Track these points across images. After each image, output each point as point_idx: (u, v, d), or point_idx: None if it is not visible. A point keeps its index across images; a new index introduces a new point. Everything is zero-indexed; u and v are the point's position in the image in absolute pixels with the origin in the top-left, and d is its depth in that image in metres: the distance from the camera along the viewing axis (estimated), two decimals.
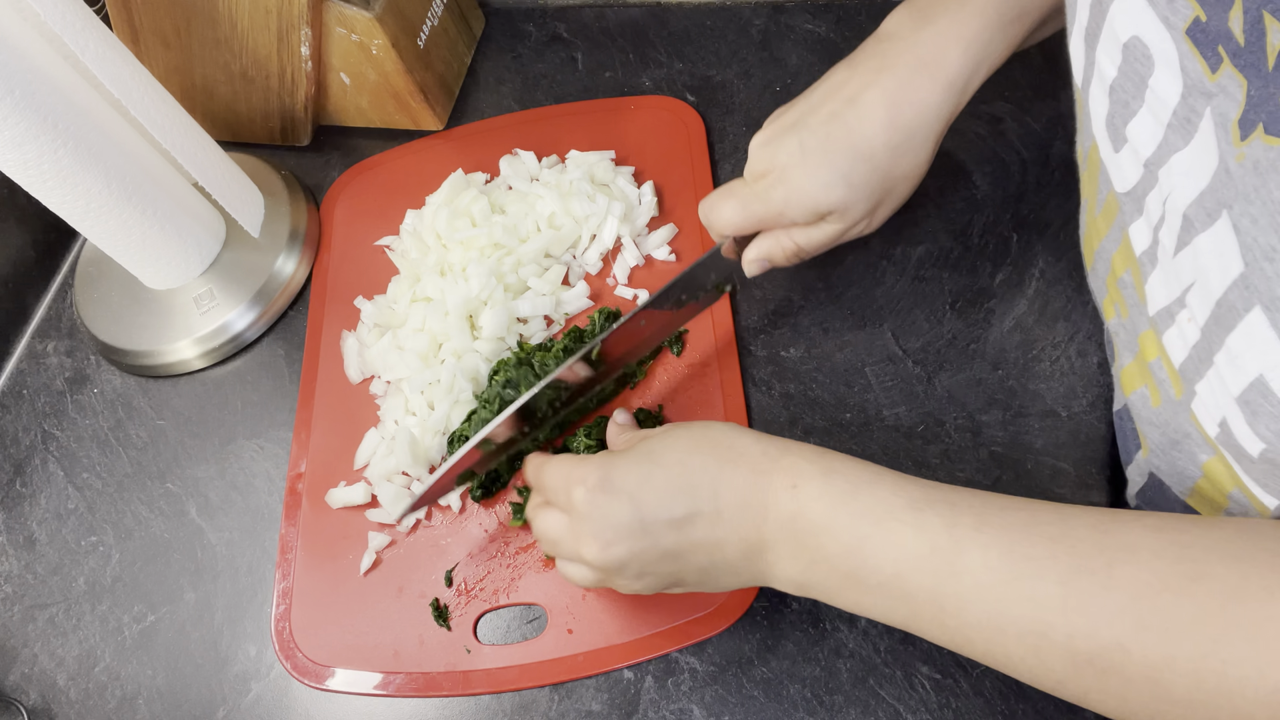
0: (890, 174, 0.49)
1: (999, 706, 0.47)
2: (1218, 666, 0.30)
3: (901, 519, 0.37)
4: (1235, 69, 0.29)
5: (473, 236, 0.63)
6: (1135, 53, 0.35)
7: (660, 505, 0.41)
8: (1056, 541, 0.34)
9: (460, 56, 0.77)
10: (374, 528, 0.57)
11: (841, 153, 0.48)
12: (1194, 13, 0.31)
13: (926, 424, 0.55)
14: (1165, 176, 0.36)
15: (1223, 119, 0.31)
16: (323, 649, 0.54)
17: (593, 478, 0.43)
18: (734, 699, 0.49)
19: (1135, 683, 0.32)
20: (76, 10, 0.52)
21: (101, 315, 0.68)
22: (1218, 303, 0.34)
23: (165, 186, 0.63)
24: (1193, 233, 0.34)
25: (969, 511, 0.36)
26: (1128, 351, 0.45)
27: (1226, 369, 0.34)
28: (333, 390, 0.63)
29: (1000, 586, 0.34)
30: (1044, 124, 0.65)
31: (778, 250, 0.52)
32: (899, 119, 0.47)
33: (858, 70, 0.49)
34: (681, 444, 0.43)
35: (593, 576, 0.45)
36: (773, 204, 0.50)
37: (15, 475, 0.65)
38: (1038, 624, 0.34)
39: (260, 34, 0.67)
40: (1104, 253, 0.46)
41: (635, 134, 0.70)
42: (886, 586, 0.38)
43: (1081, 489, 0.52)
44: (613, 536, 0.42)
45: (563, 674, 0.51)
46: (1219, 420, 0.36)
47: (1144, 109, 0.36)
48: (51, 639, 0.58)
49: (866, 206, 0.50)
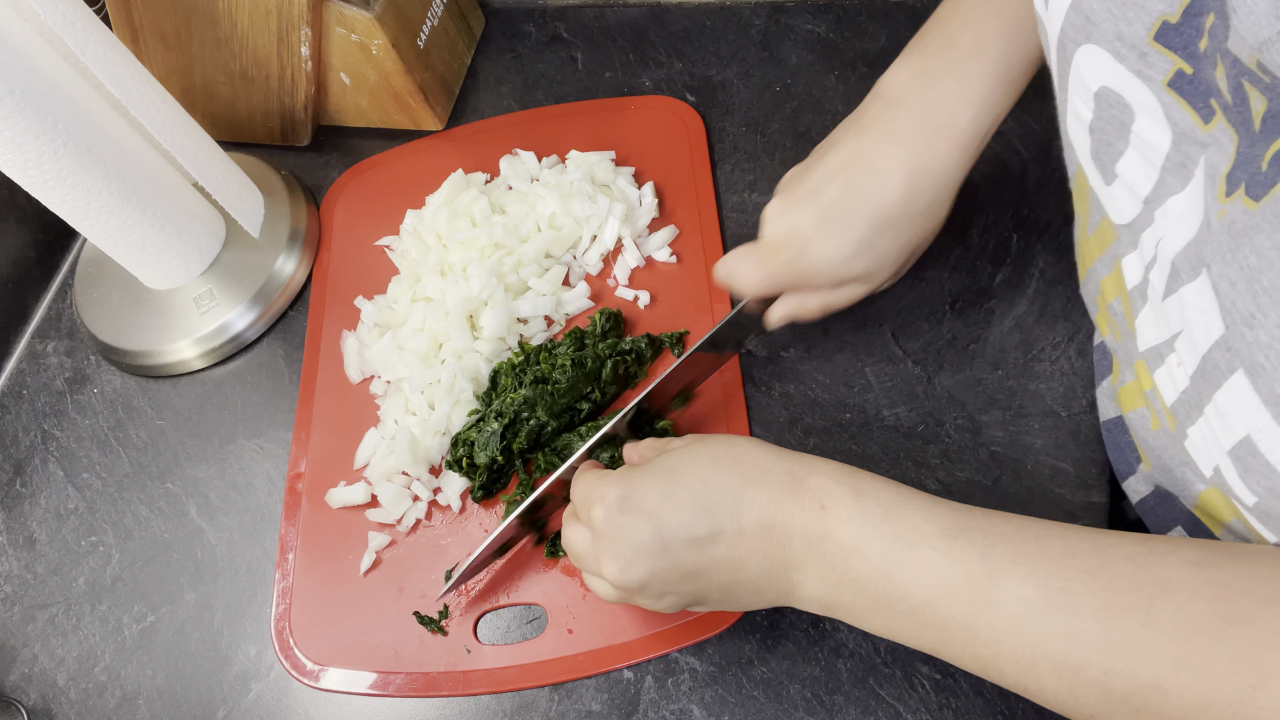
0: (912, 238, 0.49)
1: (999, 706, 0.47)
2: (1254, 714, 0.30)
3: (934, 545, 0.37)
4: (1228, 123, 0.29)
5: (473, 236, 0.63)
6: (1109, 100, 0.34)
7: (681, 524, 0.40)
8: (1094, 575, 0.34)
9: (460, 56, 0.77)
10: (374, 527, 0.57)
11: (863, 224, 0.48)
12: (1175, 66, 0.30)
13: (926, 424, 0.55)
14: (1161, 218, 0.35)
15: (1213, 171, 0.30)
16: (323, 649, 0.54)
17: (612, 495, 0.42)
18: (734, 699, 0.49)
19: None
20: (76, 10, 0.52)
21: (101, 315, 0.68)
22: (1203, 358, 0.33)
23: (165, 186, 0.63)
24: (1179, 282, 0.34)
25: (1004, 540, 0.36)
26: (1128, 370, 0.45)
27: (1217, 423, 0.34)
28: (333, 390, 0.63)
29: (1036, 620, 0.34)
30: (1044, 124, 0.65)
31: (803, 311, 0.52)
32: (918, 186, 0.47)
33: (868, 136, 0.48)
34: (703, 461, 0.42)
35: (614, 594, 0.44)
36: (796, 275, 0.50)
37: (15, 475, 0.65)
38: (1073, 659, 0.33)
39: (260, 34, 0.67)
40: (1095, 274, 0.45)
41: (635, 134, 0.70)
42: (917, 613, 0.37)
43: (1081, 489, 0.52)
44: (632, 556, 0.41)
45: (563, 674, 0.51)
46: (1213, 466, 0.36)
47: (1130, 150, 0.35)
48: (51, 639, 0.58)
49: (891, 269, 0.50)
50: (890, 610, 0.38)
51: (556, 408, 0.56)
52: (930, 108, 0.47)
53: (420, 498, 0.57)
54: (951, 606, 0.36)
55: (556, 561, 0.54)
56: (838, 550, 0.38)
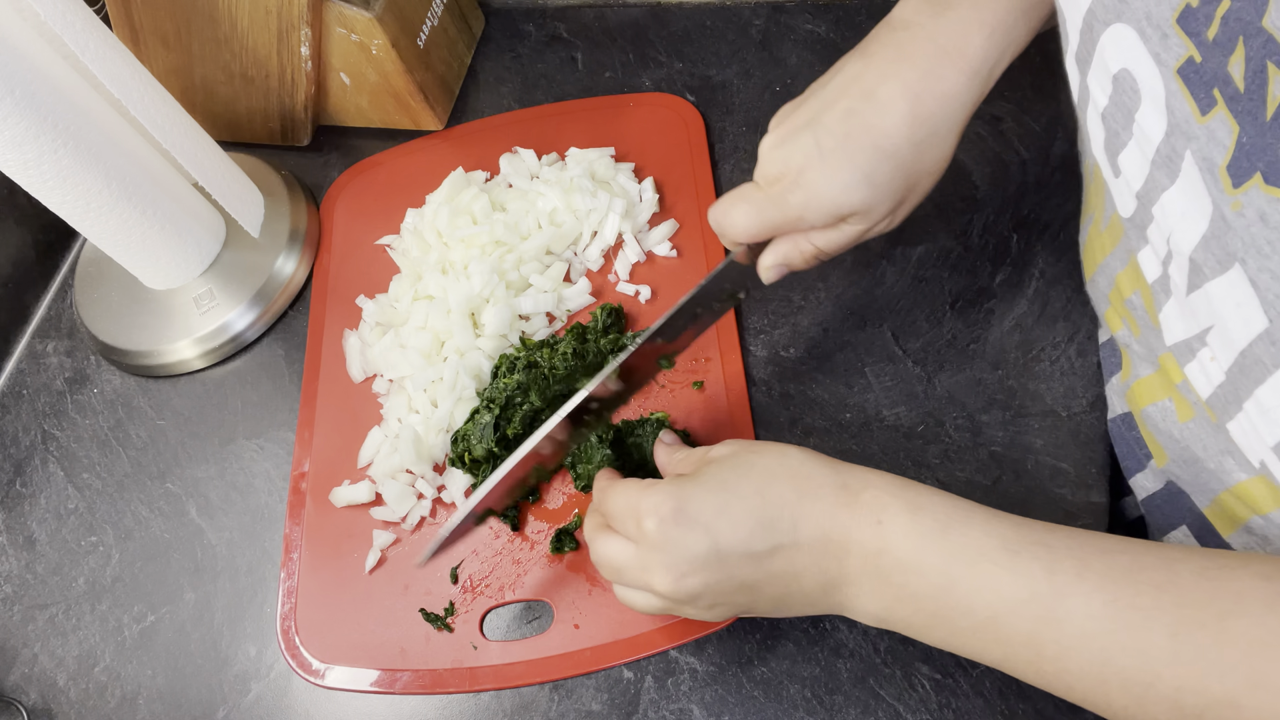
0: (914, 170, 0.46)
1: (999, 706, 0.47)
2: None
3: (996, 561, 0.36)
4: (1230, 114, 0.29)
5: (474, 234, 0.63)
6: (1124, 85, 0.34)
7: (738, 537, 0.40)
8: (1163, 590, 0.33)
9: (460, 56, 0.77)
10: (378, 526, 0.57)
11: (862, 151, 0.44)
12: (1188, 52, 0.30)
13: (926, 424, 0.55)
14: (1160, 214, 0.35)
15: (1207, 164, 0.30)
16: (329, 647, 0.54)
17: (666, 507, 0.40)
18: (734, 699, 0.49)
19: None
20: (76, 10, 0.52)
21: (101, 315, 0.68)
22: (1241, 353, 0.33)
23: (165, 186, 0.63)
24: (1202, 278, 0.33)
25: (1068, 555, 0.35)
26: (1146, 365, 0.44)
27: (1259, 419, 0.34)
28: (335, 389, 0.63)
29: (1105, 636, 0.33)
30: (1044, 124, 0.65)
31: (796, 255, 0.49)
32: (922, 112, 0.44)
33: (873, 61, 0.45)
34: (757, 473, 0.41)
35: (659, 605, 0.43)
36: (790, 209, 0.46)
37: (15, 475, 0.65)
38: (1144, 674, 0.33)
39: (260, 34, 0.67)
40: (1108, 269, 0.45)
41: (635, 131, 0.70)
42: (980, 629, 0.36)
43: (1081, 489, 0.52)
44: (688, 569, 0.40)
45: (570, 669, 0.51)
46: (1258, 460, 0.36)
47: (1132, 142, 0.35)
48: (51, 639, 0.58)
49: (890, 205, 0.46)
50: (951, 626, 0.37)
51: (550, 393, 0.56)
52: (938, 32, 0.44)
53: (424, 495, 0.57)
54: (1016, 622, 0.35)
55: (561, 557, 0.54)
56: (895, 566, 0.38)
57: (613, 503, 0.44)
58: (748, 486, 0.41)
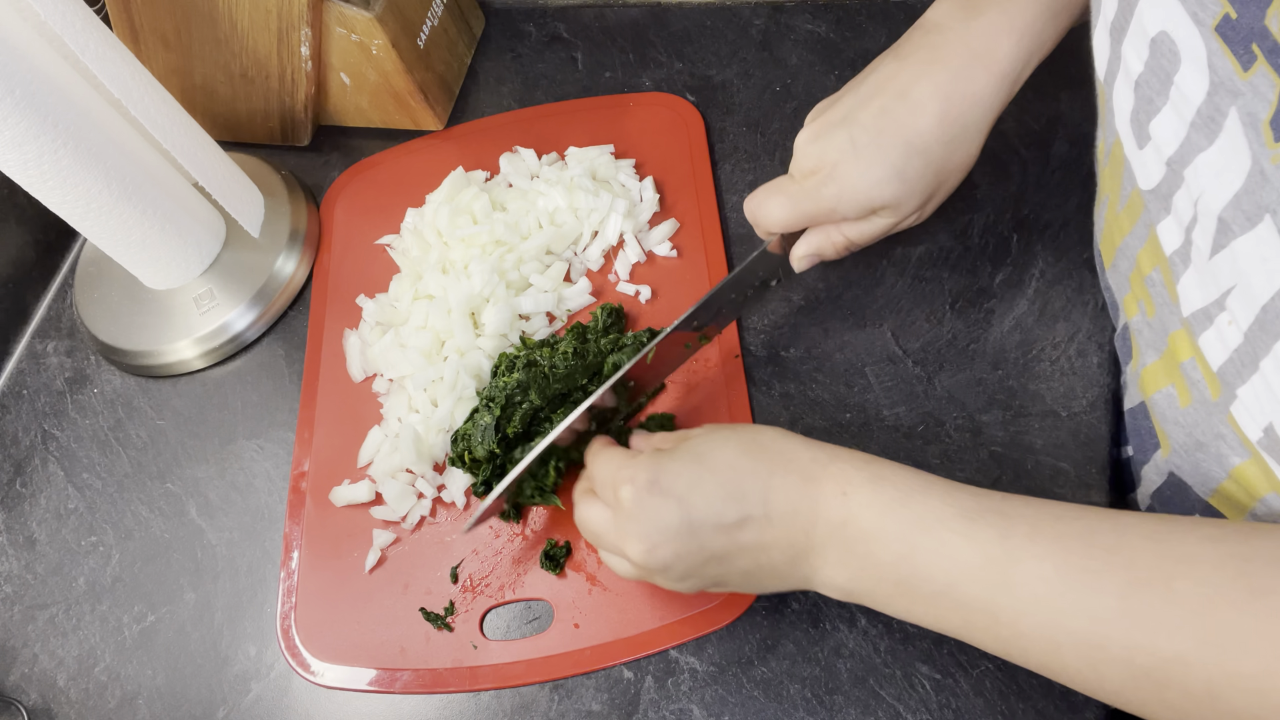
0: (943, 167, 0.48)
1: (999, 706, 0.47)
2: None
3: (953, 528, 0.37)
4: (1271, 68, 0.29)
5: (474, 234, 0.63)
6: (1162, 48, 0.34)
7: (710, 509, 0.41)
8: (1113, 553, 0.34)
9: (460, 56, 0.77)
10: (378, 525, 0.57)
11: (895, 147, 0.47)
12: (1223, 9, 0.30)
13: (926, 424, 0.55)
14: (1192, 176, 0.35)
15: (1252, 119, 0.30)
16: (329, 647, 0.54)
17: (642, 477, 0.42)
18: (734, 699, 0.49)
19: (1196, 697, 0.32)
20: (76, 10, 0.52)
21: (101, 315, 0.68)
22: (1264, 308, 0.33)
23: (165, 186, 0.63)
24: (1230, 236, 0.34)
25: (1022, 521, 0.36)
26: (1152, 350, 0.45)
27: (1275, 375, 0.34)
28: (335, 389, 0.63)
29: (1057, 599, 0.34)
30: (1044, 124, 0.65)
31: (828, 245, 0.52)
32: (952, 112, 0.47)
33: (907, 62, 0.48)
34: (731, 448, 0.43)
35: (634, 572, 0.44)
36: (824, 201, 0.49)
37: (15, 475, 0.65)
38: (1095, 636, 0.33)
39: (260, 34, 0.67)
40: (1127, 249, 0.45)
41: (635, 130, 0.70)
42: (939, 596, 0.37)
43: (1081, 489, 0.52)
44: (660, 539, 0.42)
45: (570, 669, 0.51)
46: (1264, 425, 0.36)
47: (1168, 106, 0.35)
48: (51, 639, 0.58)
49: (920, 200, 0.49)
50: (912, 594, 0.38)
51: (549, 392, 0.56)
52: (969, 35, 0.47)
53: (425, 495, 0.57)
54: (972, 588, 0.36)
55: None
56: (859, 535, 0.39)
57: (598, 468, 0.46)
58: (721, 460, 0.42)
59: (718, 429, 0.45)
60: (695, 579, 0.43)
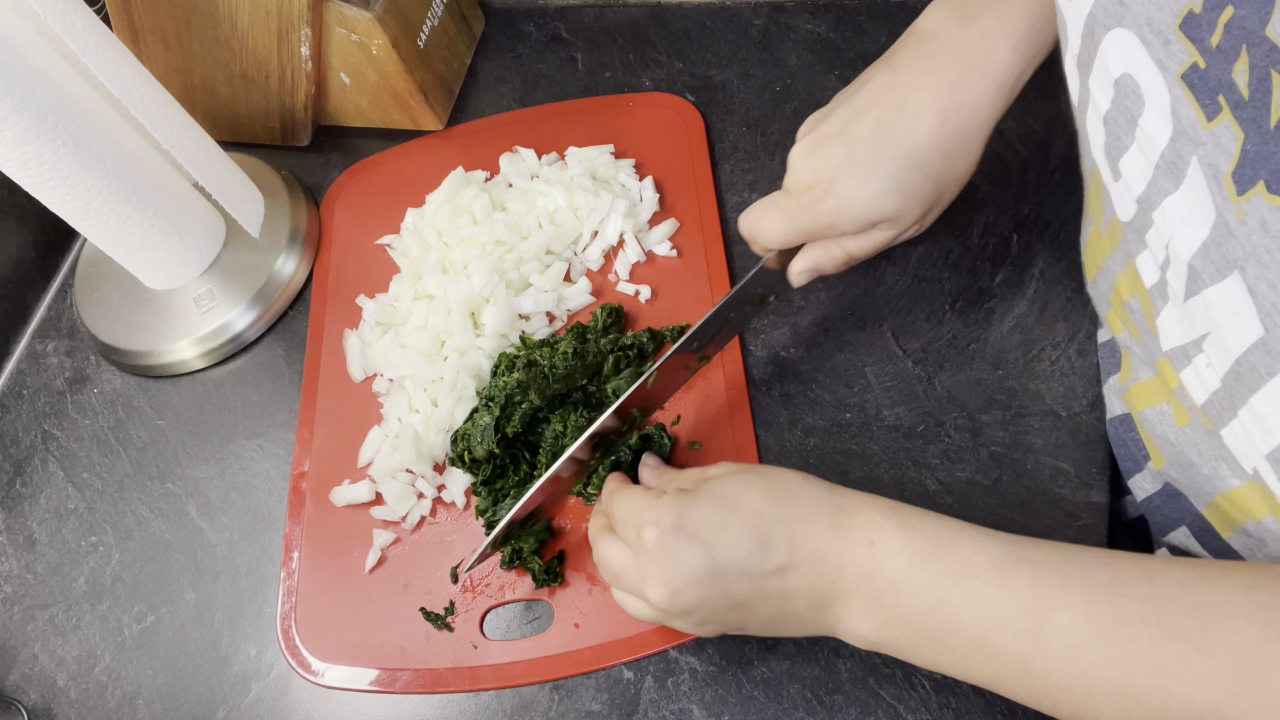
0: (943, 178, 0.47)
1: (999, 706, 0.47)
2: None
3: (984, 578, 0.36)
4: (1235, 120, 0.29)
5: (474, 234, 0.63)
6: (1127, 89, 0.34)
7: (736, 555, 0.40)
8: (1145, 603, 0.33)
9: (460, 56, 0.77)
10: (379, 525, 0.57)
11: (893, 160, 0.46)
12: (1191, 58, 0.30)
13: (926, 424, 0.55)
14: (1160, 219, 0.35)
15: (1213, 170, 0.30)
16: (329, 647, 0.54)
17: (667, 519, 0.41)
18: (734, 699, 0.49)
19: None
20: (76, 10, 0.52)
21: (101, 315, 0.68)
22: (1237, 360, 0.33)
23: (165, 186, 0.63)
24: (1201, 284, 0.33)
25: (1053, 570, 0.36)
26: (1145, 368, 0.44)
27: (1253, 427, 0.34)
28: (335, 389, 0.63)
29: (1090, 649, 0.34)
30: (1044, 124, 0.65)
31: (827, 260, 0.50)
32: (951, 123, 0.45)
33: (901, 72, 0.46)
34: (756, 492, 0.42)
35: (652, 614, 0.43)
36: (822, 217, 0.48)
37: (15, 475, 0.65)
38: (1130, 687, 0.33)
39: (260, 34, 0.67)
40: (1107, 272, 0.45)
41: (635, 130, 0.70)
42: (968, 647, 0.37)
43: (1081, 489, 0.52)
44: (683, 584, 0.40)
45: (570, 669, 0.51)
46: (1250, 468, 0.36)
47: (1135, 146, 0.35)
48: (51, 639, 0.58)
49: (920, 212, 0.48)
50: (941, 645, 0.38)
51: (549, 392, 0.56)
52: (965, 44, 0.45)
53: (425, 495, 0.57)
54: (1004, 638, 0.36)
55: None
56: (887, 585, 0.38)
57: (619, 507, 0.44)
58: (747, 505, 0.41)
59: (740, 470, 0.44)
60: (716, 624, 0.43)
